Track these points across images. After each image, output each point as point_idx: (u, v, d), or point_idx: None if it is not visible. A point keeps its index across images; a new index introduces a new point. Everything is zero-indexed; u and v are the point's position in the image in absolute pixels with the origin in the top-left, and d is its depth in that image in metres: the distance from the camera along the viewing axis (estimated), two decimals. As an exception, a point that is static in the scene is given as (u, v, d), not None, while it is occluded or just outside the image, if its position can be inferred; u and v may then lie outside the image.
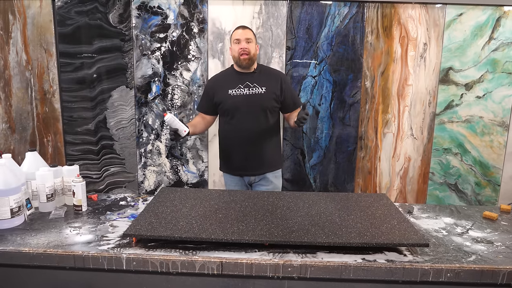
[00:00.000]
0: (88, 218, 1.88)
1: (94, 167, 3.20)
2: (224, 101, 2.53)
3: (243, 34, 2.49)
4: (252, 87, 2.51)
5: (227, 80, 2.58)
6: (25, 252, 1.53)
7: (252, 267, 1.49)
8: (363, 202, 1.99)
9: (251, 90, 2.51)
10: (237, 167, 2.61)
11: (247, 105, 2.50)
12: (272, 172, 2.63)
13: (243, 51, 2.46)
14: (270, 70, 2.67)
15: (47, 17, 2.99)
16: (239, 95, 2.51)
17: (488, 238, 1.75)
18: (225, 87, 2.54)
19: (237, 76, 2.56)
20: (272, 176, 2.63)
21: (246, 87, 2.52)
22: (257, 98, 2.51)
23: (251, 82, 2.52)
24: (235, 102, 2.51)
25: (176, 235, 1.57)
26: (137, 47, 3.04)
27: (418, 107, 3.08)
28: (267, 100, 2.53)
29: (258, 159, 2.57)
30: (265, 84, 2.53)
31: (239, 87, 2.52)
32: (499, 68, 2.98)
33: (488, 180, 3.12)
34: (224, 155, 2.69)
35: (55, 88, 3.09)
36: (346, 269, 1.48)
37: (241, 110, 2.51)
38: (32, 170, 1.94)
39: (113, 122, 3.14)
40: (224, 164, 2.70)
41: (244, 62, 2.49)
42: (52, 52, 3.04)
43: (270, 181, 2.63)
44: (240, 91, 2.51)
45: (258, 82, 2.53)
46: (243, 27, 2.55)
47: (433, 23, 2.96)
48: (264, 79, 2.55)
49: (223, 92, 2.53)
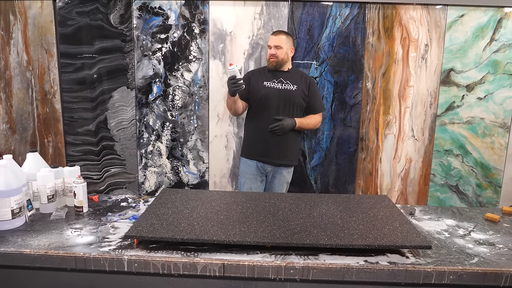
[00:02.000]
0: (89, 219, 1.87)
1: (95, 168, 3.20)
2: (258, 90, 2.74)
3: (274, 41, 2.70)
4: (285, 83, 2.74)
5: (263, 74, 2.80)
6: (26, 253, 1.52)
7: (254, 269, 1.48)
8: (365, 203, 1.98)
9: (284, 86, 2.73)
10: (257, 153, 2.78)
11: (278, 98, 2.72)
12: (286, 168, 2.83)
13: (271, 57, 2.71)
14: (302, 73, 2.86)
15: (48, 17, 2.99)
16: (273, 88, 2.73)
17: (490, 240, 1.74)
18: (260, 79, 2.77)
19: (272, 72, 2.78)
20: (285, 172, 2.84)
21: (279, 83, 2.74)
22: (288, 93, 2.73)
23: (284, 79, 2.75)
24: (268, 93, 2.72)
25: (178, 236, 1.56)
26: (138, 48, 3.04)
27: (419, 108, 3.07)
28: (296, 97, 2.74)
29: (279, 148, 2.75)
30: (296, 83, 2.75)
31: (273, 81, 2.75)
32: (500, 70, 2.97)
33: (489, 181, 3.12)
34: (248, 140, 2.87)
35: (56, 89, 3.09)
36: (348, 271, 1.47)
37: (272, 101, 2.71)
38: (33, 171, 1.93)
39: (113, 123, 3.14)
40: (247, 149, 2.86)
41: (270, 64, 2.74)
42: (53, 53, 3.04)
43: (283, 175, 2.83)
44: (274, 84, 2.74)
45: (291, 80, 2.75)
46: (276, 33, 2.74)
47: (435, 24, 2.95)
48: (295, 79, 2.77)
49: (258, 83, 2.76)
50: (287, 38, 2.71)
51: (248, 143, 2.85)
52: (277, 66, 2.72)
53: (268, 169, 2.81)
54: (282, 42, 2.69)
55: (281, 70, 2.76)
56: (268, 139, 2.73)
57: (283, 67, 2.76)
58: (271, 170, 2.81)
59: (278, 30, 2.78)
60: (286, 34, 2.73)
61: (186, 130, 3.15)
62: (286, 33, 2.76)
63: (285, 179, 2.86)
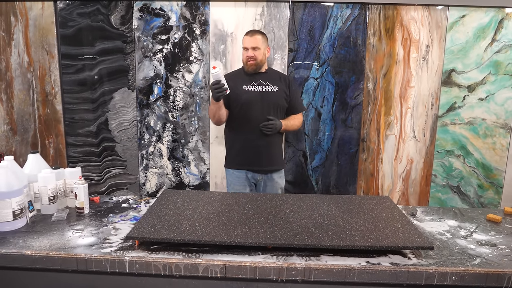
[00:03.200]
0: (91, 220, 1.87)
1: (96, 169, 3.20)
2: (239, 95, 2.59)
3: (250, 42, 2.56)
4: (265, 85, 2.62)
5: (240, 77, 2.66)
6: (28, 254, 1.52)
7: (255, 270, 1.48)
8: (367, 204, 1.98)
9: (264, 88, 2.62)
10: (246, 162, 2.65)
11: (261, 101, 2.59)
12: (277, 172, 2.70)
13: (250, 59, 2.57)
14: (279, 73, 2.78)
15: (49, 18, 2.99)
16: (254, 91, 2.61)
17: (492, 241, 1.73)
18: (239, 83, 2.62)
19: (250, 75, 2.64)
20: (276, 176, 2.70)
21: (259, 85, 2.62)
22: (270, 95, 2.61)
23: (263, 81, 2.63)
24: (249, 97, 2.59)
25: (179, 238, 1.56)
26: (139, 49, 3.04)
27: (420, 109, 3.07)
28: (279, 98, 2.64)
29: (266, 154, 2.64)
30: (276, 83, 2.64)
31: (252, 84, 2.62)
32: (502, 70, 2.97)
33: (490, 182, 3.11)
34: (233, 150, 2.71)
35: (57, 90, 3.09)
36: (350, 272, 1.47)
37: (254, 106, 2.59)
38: (34, 172, 1.93)
39: (114, 124, 3.14)
40: (232, 159, 2.72)
41: (249, 68, 2.60)
42: (54, 54, 3.04)
43: (275, 181, 2.69)
44: (254, 87, 2.61)
45: (270, 81, 2.64)
46: (251, 33, 2.59)
47: (436, 25, 2.95)
48: (274, 79, 2.66)
49: (237, 87, 2.60)
50: (262, 38, 2.59)
51: (235, 153, 2.69)
52: (256, 69, 2.59)
53: (259, 178, 2.67)
54: (259, 43, 2.56)
55: (259, 72, 2.63)
56: (256, 146, 2.60)
57: (261, 68, 2.63)
58: (262, 178, 2.68)
59: (252, 30, 2.64)
60: (261, 34, 2.60)
61: (187, 131, 3.15)
62: (261, 32, 2.63)
63: (279, 185, 2.72)
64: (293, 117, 2.72)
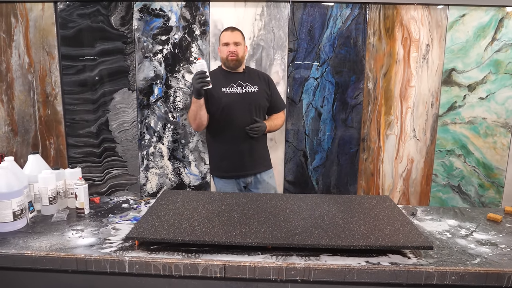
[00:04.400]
0: (91, 221, 1.87)
1: (96, 169, 3.20)
2: (219, 98, 2.51)
3: (232, 37, 2.52)
4: (244, 85, 2.56)
5: (218, 78, 2.56)
6: (28, 255, 1.53)
7: (255, 270, 1.48)
8: (366, 204, 1.98)
9: (244, 89, 2.56)
10: (231, 168, 2.58)
11: (242, 103, 2.53)
12: (265, 172, 2.67)
13: (231, 54, 2.52)
14: (257, 72, 2.73)
15: (49, 20, 3.00)
16: (233, 93, 2.54)
17: (492, 241, 1.73)
18: (217, 85, 2.51)
19: (228, 75, 2.59)
20: (266, 177, 2.67)
21: (238, 86, 2.56)
22: (251, 96, 2.56)
23: (243, 81, 2.57)
24: (229, 100, 2.51)
25: (179, 238, 1.56)
26: (139, 50, 3.05)
27: (420, 108, 3.06)
28: (260, 99, 2.59)
29: (251, 157, 2.59)
30: (256, 83, 2.60)
31: (231, 85, 2.55)
32: (502, 69, 2.96)
33: (491, 181, 3.11)
34: (218, 157, 2.65)
35: (57, 91, 3.10)
36: (349, 272, 1.47)
37: (235, 108, 2.52)
38: (34, 173, 1.94)
39: (115, 125, 3.14)
40: (217, 166, 2.66)
41: (231, 63, 2.54)
42: (54, 55, 3.05)
43: (266, 182, 2.66)
44: (234, 89, 2.55)
45: (250, 81, 2.59)
46: (231, 29, 2.56)
47: (436, 24, 2.95)
48: (254, 79, 2.62)
49: (216, 90, 2.49)
50: (242, 35, 2.57)
51: (219, 159, 2.63)
52: (237, 64, 2.53)
53: (248, 180, 2.63)
54: (240, 38, 2.53)
55: (237, 72, 2.59)
56: (240, 151, 2.53)
57: (240, 67, 2.59)
58: (251, 180, 2.63)
59: (231, 27, 2.60)
60: (239, 31, 2.58)
61: (188, 132, 3.15)
62: (239, 29, 2.59)
63: (270, 185, 2.68)
64: (275, 117, 2.70)
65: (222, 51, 2.57)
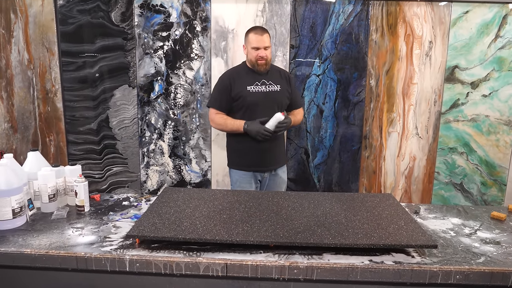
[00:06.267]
0: (91, 218, 1.85)
1: (97, 166, 3.18)
2: (243, 97, 2.52)
3: (262, 42, 2.46)
4: (268, 84, 2.55)
5: (243, 77, 2.56)
6: (27, 253, 1.51)
7: (257, 269, 1.46)
8: (369, 202, 1.96)
9: (268, 88, 2.54)
10: (252, 163, 2.60)
11: (265, 102, 2.53)
12: (281, 168, 2.69)
13: (261, 59, 2.48)
14: (279, 69, 2.69)
15: (49, 15, 2.97)
16: (258, 92, 2.53)
17: (497, 239, 1.71)
18: (242, 83, 2.53)
19: (252, 74, 2.56)
20: (281, 172, 2.69)
21: (262, 85, 2.54)
22: (274, 95, 2.55)
23: (266, 80, 2.56)
24: (254, 99, 2.52)
25: (180, 236, 1.54)
26: (139, 46, 3.02)
27: (423, 106, 3.04)
28: (282, 98, 2.59)
29: (271, 155, 2.61)
30: (278, 82, 2.58)
31: (256, 84, 2.53)
32: (506, 67, 2.94)
33: (494, 179, 3.09)
34: (238, 152, 2.65)
35: (57, 87, 3.07)
36: (353, 271, 1.45)
37: (259, 107, 2.52)
38: (34, 170, 1.92)
39: (115, 122, 3.12)
40: (236, 160, 2.66)
41: (261, 68, 2.51)
42: (54, 51, 3.02)
43: (279, 176, 2.69)
44: (258, 88, 2.53)
45: (273, 80, 2.57)
46: (261, 31, 2.48)
47: (439, 20, 2.92)
48: (276, 77, 2.60)
49: (241, 88, 2.52)
50: (268, 35, 2.52)
51: (240, 155, 2.63)
52: (266, 68, 2.52)
53: (265, 175, 2.64)
54: (269, 42, 2.49)
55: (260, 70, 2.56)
56: (262, 148, 2.53)
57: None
58: (267, 175, 2.65)
59: (259, 28, 2.53)
60: (267, 32, 2.52)
61: (188, 129, 3.13)
62: (267, 30, 2.53)
63: (282, 180, 2.70)
64: (296, 112, 2.71)
65: (250, 54, 2.51)
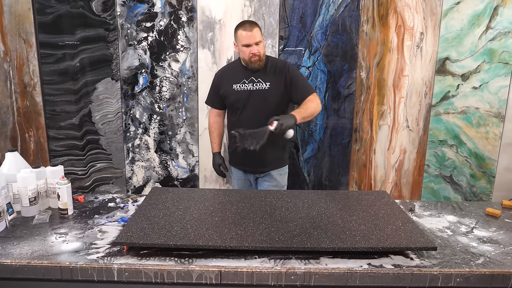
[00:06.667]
0: (75, 222, 1.76)
1: (79, 163, 3.07)
2: (228, 96, 2.47)
3: (252, 38, 2.31)
4: (256, 82, 2.43)
5: (232, 73, 2.49)
6: (7, 264, 1.41)
7: (253, 276, 1.41)
8: (364, 200, 1.91)
9: (255, 86, 2.43)
10: (241, 163, 2.59)
11: (250, 101, 2.43)
12: (277, 170, 2.57)
13: (254, 56, 2.35)
14: (276, 63, 2.50)
15: (25, 5, 2.81)
16: (243, 90, 2.44)
17: (494, 238, 1.69)
18: (230, 81, 2.46)
19: (243, 71, 2.46)
20: (276, 174, 2.57)
21: (250, 82, 2.43)
22: (260, 94, 2.43)
23: (255, 77, 2.43)
24: (238, 98, 2.44)
25: (171, 242, 1.47)
26: (122, 37, 2.89)
27: (414, 98, 3.00)
28: (270, 96, 2.43)
29: (260, 157, 2.42)
30: (270, 79, 2.43)
31: (243, 82, 2.44)
32: (496, 58, 2.91)
33: (483, 171, 3.09)
34: (231, 150, 2.65)
35: (36, 81, 2.93)
36: (352, 276, 1.41)
37: (244, 106, 2.44)
38: (12, 172, 1.81)
39: (98, 116, 3.00)
40: (232, 159, 2.69)
41: (255, 65, 2.39)
42: (32, 43, 2.87)
43: (274, 178, 2.57)
44: (244, 86, 2.43)
45: (263, 77, 2.43)
46: (249, 26, 2.33)
47: (430, 11, 2.87)
48: (269, 74, 2.44)
49: (227, 86, 2.47)
50: (259, 29, 2.37)
51: (233, 153, 2.60)
52: (261, 64, 2.39)
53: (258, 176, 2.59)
54: (259, 36, 2.34)
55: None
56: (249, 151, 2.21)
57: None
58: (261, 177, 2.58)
59: (247, 22, 2.38)
60: (256, 25, 2.37)
61: (175, 123, 3.03)
62: (255, 23, 2.39)
63: (279, 184, 2.57)
64: (305, 102, 2.40)
65: (242, 52, 2.38)
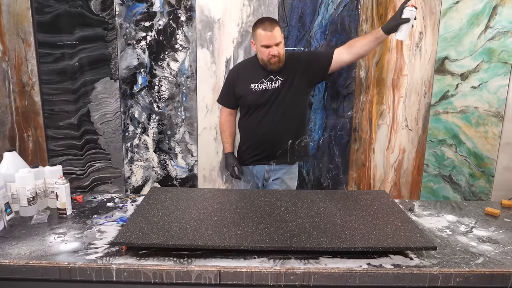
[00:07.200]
0: (73, 222, 1.76)
1: (78, 162, 3.06)
2: (246, 95, 2.40)
3: (272, 38, 2.23)
4: (274, 80, 2.36)
5: (252, 71, 2.41)
6: (5, 264, 1.41)
7: (252, 276, 1.40)
8: (364, 200, 1.91)
9: (274, 84, 2.36)
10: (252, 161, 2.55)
11: (270, 101, 2.38)
12: (287, 174, 2.55)
13: (273, 57, 2.27)
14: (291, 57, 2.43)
15: (23, 4, 2.80)
16: (261, 90, 2.37)
17: (493, 237, 1.69)
18: (247, 80, 2.39)
19: (262, 69, 2.39)
20: (287, 178, 2.55)
21: (269, 81, 2.36)
22: (281, 93, 2.37)
23: (274, 76, 2.37)
24: (256, 98, 2.37)
25: (170, 242, 1.46)
26: (121, 37, 2.89)
27: (413, 97, 3.00)
28: (291, 96, 2.39)
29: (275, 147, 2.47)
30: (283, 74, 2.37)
31: (261, 81, 2.36)
32: (495, 58, 2.91)
33: (482, 171, 3.09)
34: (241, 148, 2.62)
35: (35, 80, 2.92)
36: (351, 276, 1.40)
37: (262, 107, 2.39)
38: (10, 171, 1.80)
39: (97, 116, 2.99)
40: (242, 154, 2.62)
41: (275, 67, 2.32)
42: (30, 42, 2.86)
43: (285, 183, 2.55)
44: (262, 85, 2.36)
45: (283, 75, 2.37)
46: (270, 27, 2.24)
47: (429, 11, 2.87)
48: (287, 70, 2.38)
49: (244, 85, 2.39)
50: (279, 28, 2.28)
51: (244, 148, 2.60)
52: (280, 65, 2.32)
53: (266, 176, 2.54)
54: (279, 36, 2.26)
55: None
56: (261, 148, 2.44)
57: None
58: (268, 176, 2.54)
59: (267, 21, 2.29)
60: (277, 24, 2.29)
61: (174, 123, 3.03)
62: (276, 21, 2.34)
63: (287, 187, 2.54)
64: (347, 47, 2.41)
65: (261, 52, 2.31)
